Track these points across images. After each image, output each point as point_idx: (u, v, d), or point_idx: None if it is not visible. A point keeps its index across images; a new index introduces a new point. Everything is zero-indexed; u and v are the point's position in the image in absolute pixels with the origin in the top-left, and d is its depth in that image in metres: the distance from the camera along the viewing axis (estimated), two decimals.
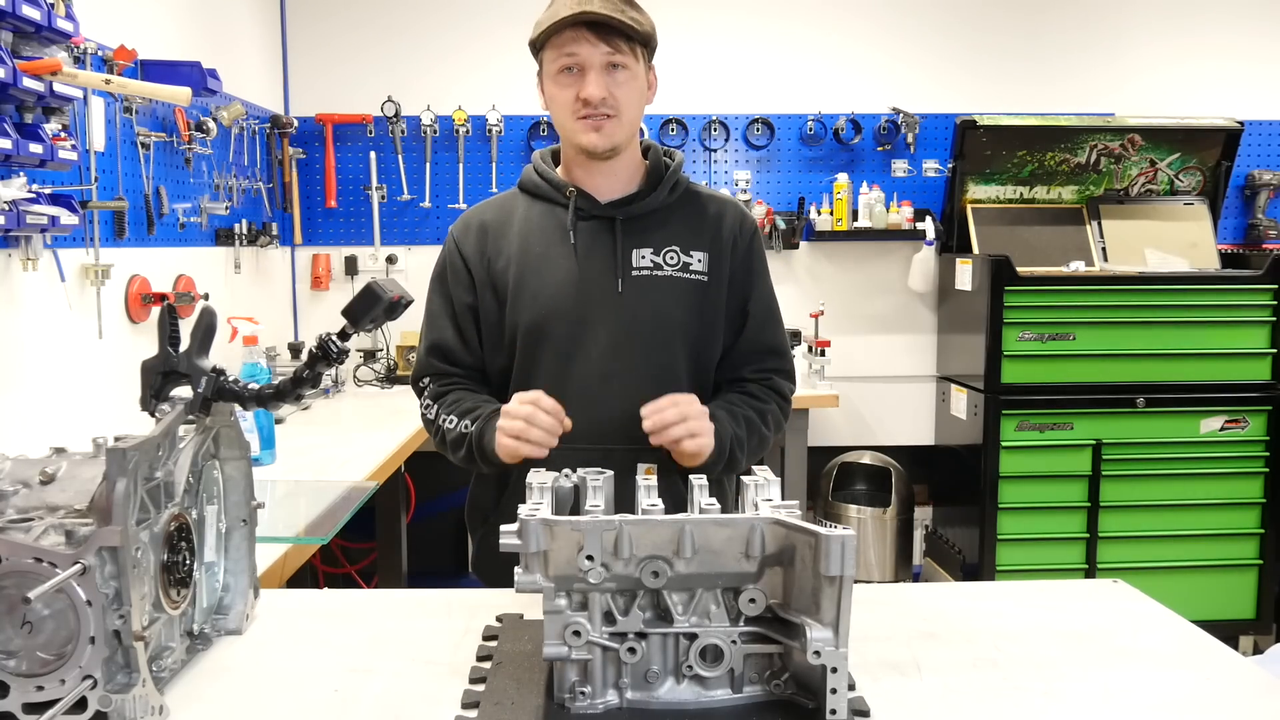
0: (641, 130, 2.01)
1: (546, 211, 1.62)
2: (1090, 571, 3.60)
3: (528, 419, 1.42)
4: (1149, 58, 4.11)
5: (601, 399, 1.55)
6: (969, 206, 3.98)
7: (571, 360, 1.56)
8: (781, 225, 3.92)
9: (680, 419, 1.45)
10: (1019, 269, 3.55)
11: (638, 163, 1.64)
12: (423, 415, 1.64)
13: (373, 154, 3.94)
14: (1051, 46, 4.09)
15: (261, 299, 3.66)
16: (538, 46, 1.56)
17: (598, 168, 1.60)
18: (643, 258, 1.58)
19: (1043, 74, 4.09)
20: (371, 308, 1.19)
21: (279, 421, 2.88)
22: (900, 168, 4.07)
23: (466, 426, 1.54)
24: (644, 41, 1.54)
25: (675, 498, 1.44)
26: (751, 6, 4.03)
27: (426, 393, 1.63)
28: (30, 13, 1.95)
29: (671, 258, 1.59)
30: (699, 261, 1.60)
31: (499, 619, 1.29)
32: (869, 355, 4.14)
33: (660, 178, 1.62)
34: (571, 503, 1.20)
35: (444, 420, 1.58)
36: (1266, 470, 3.63)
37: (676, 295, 1.57)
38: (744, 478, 1.17)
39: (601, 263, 1.58)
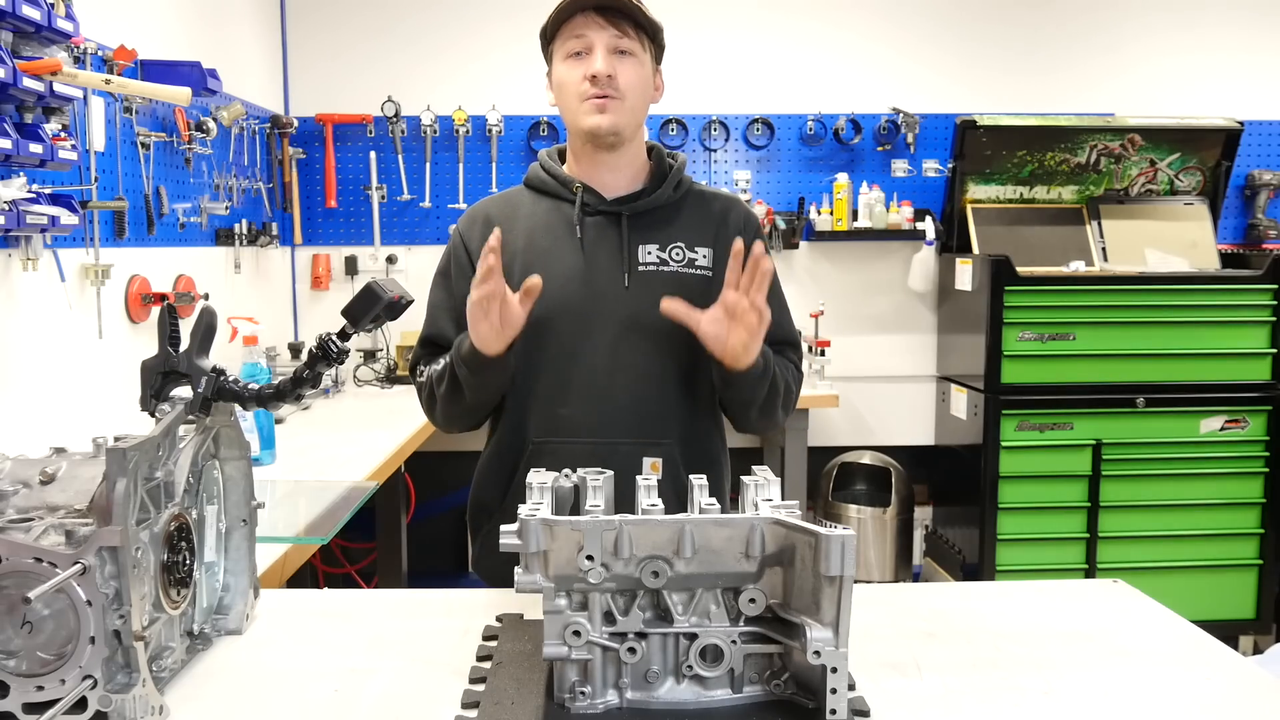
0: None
1: (553, 207, 1.64)
2: (1090, 571, 3.60)
3: (486, 271, 1.39)
4: (1149, 58, 4.11)
5: (607, 393, 1.56)
6: (969, 206, 3.98)
7: (577, 354, 1.56)
8: (781, 225, 3.92)
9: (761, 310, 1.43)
10: (1019, 269, 3.55)
11: (642, 161, 1.67)
12: (417, 386, 1.65)
13: (373, 154, 3.94)
14: (1051, 47, 4.09)
15: (261, 299, 3.66)
16: (548, 37, 1.59)
17: (604, 162, 1.61)
18: (649, 253, 1.60)
19: (1043, 74, 4.09)
20: (371, 308, 1.19)
21: (279, 421, 2.88)
22: (900, 168, 4.07)
23: (446, 359, 1.56)
24: (651, 34, 1.57)
25: (680, 492, 1.44)
26: (751, 6, 4.03)
27: (420, 369, 1.65)
28: (30, 13, 1.94)
29: (677, 254, 1.61)
30: (704, 257, 1.62)
31: (499, 619, 1.29)
32: (869, 355, 4.14)
33: (665, 176, 1.65)
34: (571, 503, 1.20)
35: (431, 369, 1.60)
36: (1266, 470, 3.63)
37: (682, 291, 1.57)
38: (744, 478, 1.17)
39: (608, 258, 1.59)
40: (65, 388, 2.37)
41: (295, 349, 3.67)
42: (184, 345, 1.19)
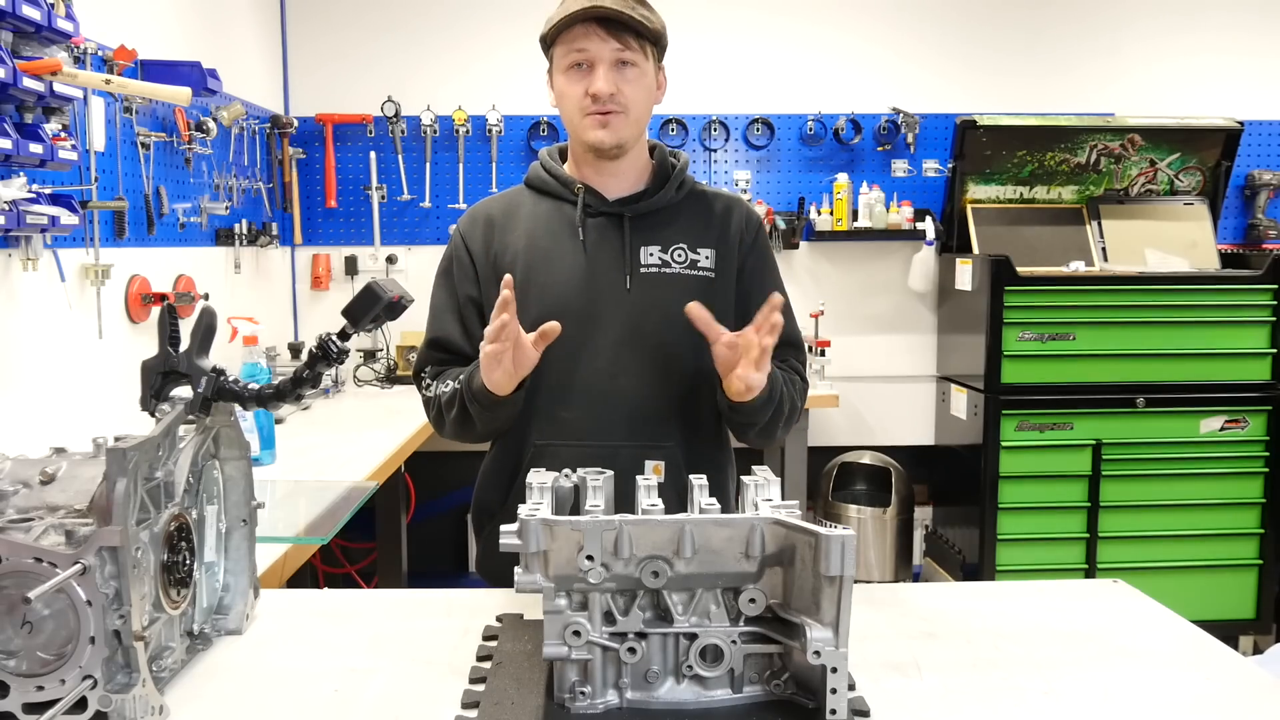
0: None
1: (554, 208, 1.63)
2: (1090, 571, 3.60)
3: (499, 329, 1.37)
4: (1149, 58, 4.11)
5: (609, 396, 1.56)
6: (969, 206, 3.98)
7: (579, 356, 1.56)
8: (781, 225, 3.92)
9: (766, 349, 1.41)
10: (1019, 269, 3.55)
11: (645, 162, 1.65)
12: (423, 399, 1.64)
13: (373, 154, 3.94)
14: (1051, 46, 4.09)
15: (261, 299, 3.66)
16: (548, 43, 1.57)
17: (605, 166, 1.60)
18: (651, 255, 1.59)
19: (1042, 74, 4.09)
20: (371, 308, 1.19)
21: (279, 421, 2.88)
22: (900, 168, 4.07)
23: (458, 382, 1.54)
24: (654, 40, 1.56)
25: (682, 493, 1.44)
26: (751, 6, 4.02)
27: (425, 378, 1.64)
28: (30, 13, 1.94)
29: (679, 255, 1.60)
30: (706, 259, 1.61)
31: (499, 619, 1.29)
32: (869, 355, 4.14)
33: (667, 177, 1.64)
34: (571, 503, 1.20)
35: (439, 389, 1.58)
36: (1266, 470, 3.63)
37: (684, 293, 1.56)
38: (744, 478, 1.17)
39: (610, 260, 1.58)
40: (65, 388, 2.37)
41: (295, 349, 3.67)
42: (184, 345, 1.19)
